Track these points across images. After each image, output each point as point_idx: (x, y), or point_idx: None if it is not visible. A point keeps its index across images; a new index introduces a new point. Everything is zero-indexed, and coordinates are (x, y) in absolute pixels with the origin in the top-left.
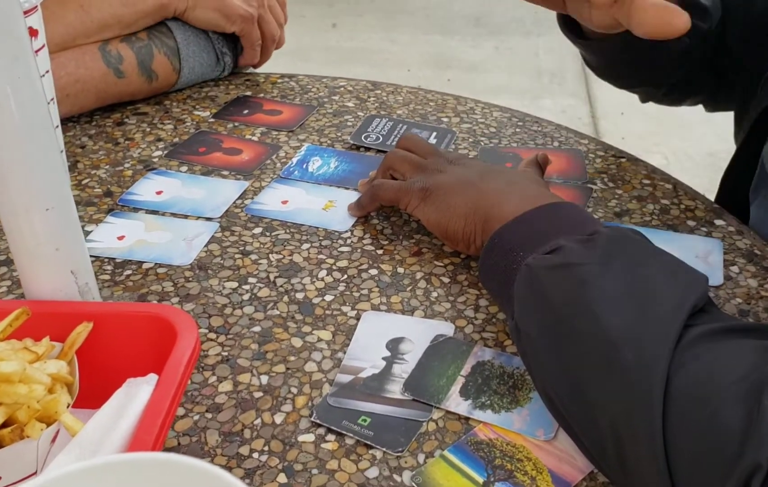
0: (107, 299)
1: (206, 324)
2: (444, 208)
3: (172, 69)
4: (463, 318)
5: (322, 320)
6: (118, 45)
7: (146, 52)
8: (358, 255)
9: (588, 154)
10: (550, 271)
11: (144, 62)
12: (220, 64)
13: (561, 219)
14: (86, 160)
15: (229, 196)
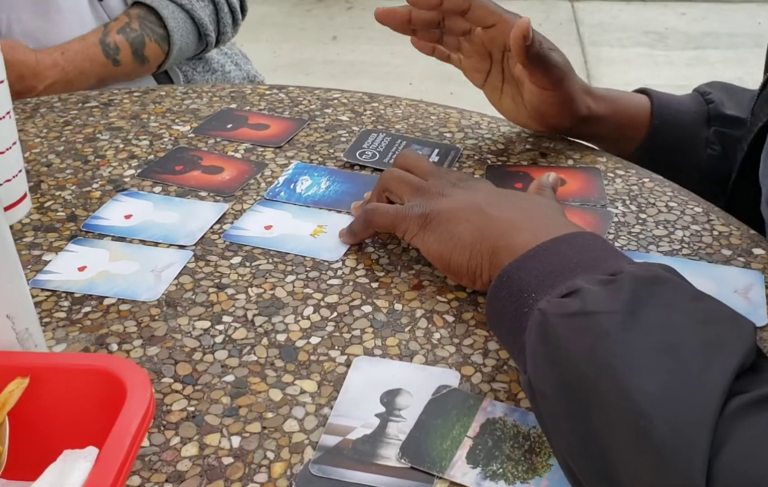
0: (60, 341)
1: (171, 372)
2: (446, 238)
3: (161, 51)
4: (470, 365)
5: (306, 367)
6: (115, 37)
7: (139, 41)
8: (349, 289)
9: (606, 172)
10: (566, 319)
11: (137, 51)
12: (202, 42)
13: (579, 253)
14: (51, 180)
15: (206, 221)
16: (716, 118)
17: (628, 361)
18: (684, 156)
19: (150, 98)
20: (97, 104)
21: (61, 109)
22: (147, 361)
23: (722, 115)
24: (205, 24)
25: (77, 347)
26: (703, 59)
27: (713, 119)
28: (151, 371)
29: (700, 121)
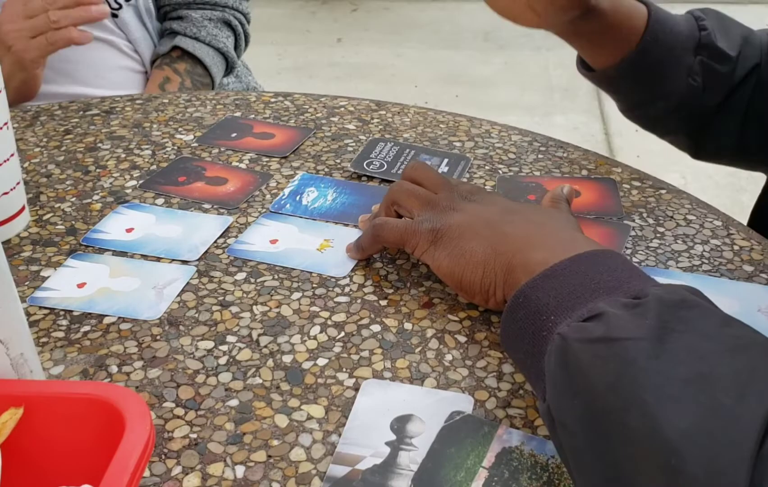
0: (58, 363)
1: (173, 396)
2: (458, 254)
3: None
4: (484, 389)
5: (314, 390)
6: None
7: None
8: (357, 307)
9: (622, 183)
10: (589, 345)
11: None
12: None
13: (599, 273)
14: (50, 191)
15: (210, 235)
16: (705, 48)
17: (656, 392)
18: (664, 80)
19: (152, 106)
20: (99, 112)
21: (61, 117)
22: (148, 384)
23: (712, 45)
24: (235, 59)
25: (76, 369)
26: None
27: (701, 48)
28: (153, 395)
29: (688, 47)
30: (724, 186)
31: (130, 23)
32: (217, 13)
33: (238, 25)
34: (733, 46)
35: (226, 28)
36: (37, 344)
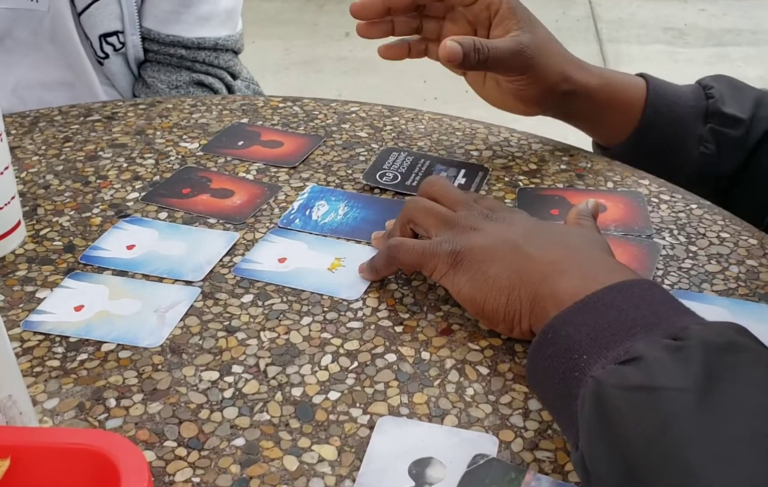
0: (52, 395)
1: (175, 434)
2: (480, 280)
3: None
4: (509, 428)
5: (325, 428)
6: None
7: None
8: (371, 333)
9: (650, 197)
10: (626, 393)
11: None
12: None
13: (636, 307)
14: (48, 204)
15: (215, 253)
16: (714, 116)
17: (704, 452)
18: (674, 153)
19: (156, 111)
20: (100, 118)
21: (61, 123)
22: (148, 420)
23: (720, 112)
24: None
25: (71, 403)
26: (725, 57)
27: (711, 116)
28: (153, 432)
29: (696, 116)
30: None
31: (118, 73)
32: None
33: (214, 82)
34: (745, 109)
35: (197, 90)
36: (31, 374)
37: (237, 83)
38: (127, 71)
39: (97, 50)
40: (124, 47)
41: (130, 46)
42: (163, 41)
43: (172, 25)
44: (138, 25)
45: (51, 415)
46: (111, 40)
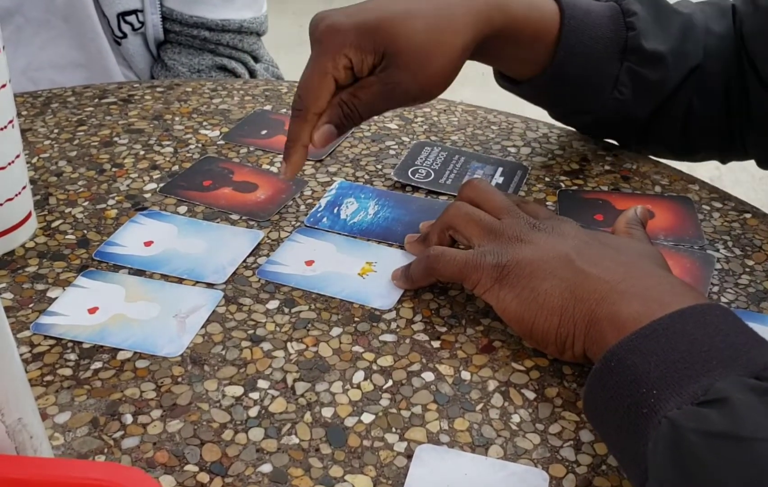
0: (64, 409)
1: (196, 457)
2: (528, 297)
3: None
4: (560, 462)
5: (359, 456)
6: None
7: None
8: (406, 348)
9: (701, 204)
10: (710, 441)
11: None
12: None
13: (711, 337)
14: (60, 193)
15: (239, 252)
16: (633, 52)
17: None
18: (585, 95)
19: (174, 95)
20: (116, 100)
21: (75, 104)
22: (168, 439)
23: (640, 48)
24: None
25: (84, 418)
26: None
27: (629, 53)
28: (173, 454)
29: (613, 53)
30: (760, 179)
31: (135, 54)
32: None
33: (237, 67)
34: (668, 44)
35: (219, 74)
36: (41, 383)
37: (258, 67)
38: (145, 52)
39: (115, 29)
40: (143, 27)
41: (149, 25)
42: (185, 22)
43: (196, 5)
44: (159, 3)
45: (62, 431)
46: (129, 18)
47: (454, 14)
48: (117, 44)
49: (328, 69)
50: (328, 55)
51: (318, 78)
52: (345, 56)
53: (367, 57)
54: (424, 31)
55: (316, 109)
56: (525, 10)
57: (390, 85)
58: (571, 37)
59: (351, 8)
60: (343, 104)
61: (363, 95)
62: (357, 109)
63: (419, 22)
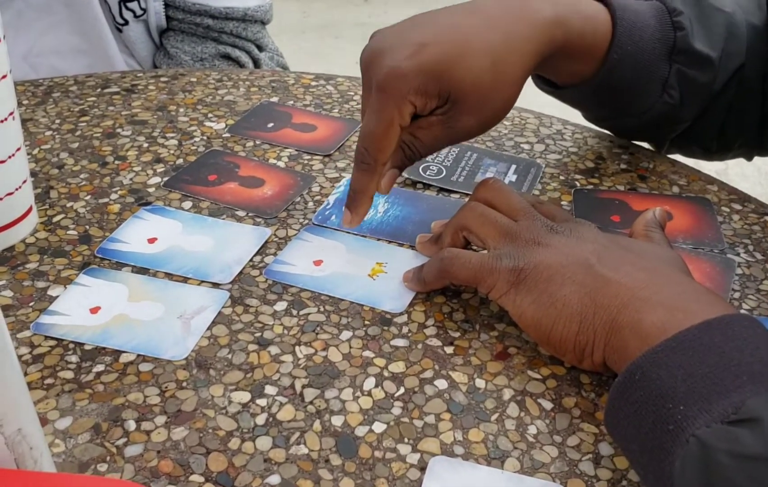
0: (65, 414)
1: (202, 467)
2: (546, 303)
3: None
4: (579, 477)
5: (370, 467)
6: None
7: None
8: (418, 354)
9: (720, 206)
10: (744, 464)
11: None
12: None
13: (740, 350)
14: (62, 186)
15: (245, 251)
16: (681, 53)
17: None
18: (634, 99)
19: (179, 85)
20: (119, 90)
21: (76, 94)
22: (172, 447)
23: (690, 49)
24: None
25: (86, 423)
26: None
27: (678, 54)
28: (178, 463)
29: (662, 54)
30: (767, 173)
31: (137, 42)
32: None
33: (241, 55)
34: (715, 44)
35: (223, 63)
36: (41, 386)
37: (262, 55)
38: (147, 40)
39: (116, 16)
40: (145, 14)
41: (151, 12)
42: (188, 10)
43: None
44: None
45: (63, 437)
46: (131, 5)
47: (516, 39)
48: (119, 31)
49: (394, 119)
50: (393, 105)
51: (385, 129)
52: (410, 103)
53: (431, 101)
54: (488, 67)
55: (383, 160)
56: (582, 21)
57: (453, 127)
58: (624, 41)
59: (405, 41)
60: (405, 147)
61: (424, 136)
62: (419, 150)
63: (483, 59)
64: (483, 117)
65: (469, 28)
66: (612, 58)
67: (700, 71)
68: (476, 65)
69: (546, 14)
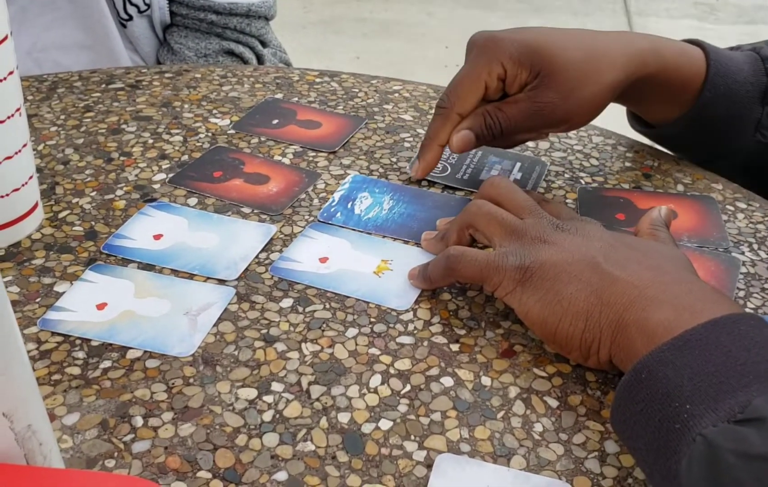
0: (72, 409)
1: (209, 463)
2: (552, 300)
3: None
4: (585, 474)
5: (377, 464)
6: None
7: None
8: (424, 351)
9: (725, 204)
10: (750, 463)
11: None
12: None
13: (747, 349)
14: (67, 182)
15: (251, 248)
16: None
17: None
18: (728, 139)
19: (183, 81)
20: (123, 86)
21: (81, 90)
22: (179, 444)
23: None
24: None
25: (93, 419)
26: (756, 35)
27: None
28: (185, 459)
29: (754, 95)
30: None
31: (141, 37)
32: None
33: (245, 51)
34: None
35: (227, 59)
36: (49, 382)
37: (265, 51)
38: (151, 35)
39: (120, 11)
40: (149, 9)
41: (155, 8)
42: (192, 5)
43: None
44: None
45: (71, 433)
46: (135, 0)
47: (610, 50)
48: (123, 27)
49: (482, 73)
50: (484, 60)
51: (469, 80)
52: (501, 65)
53: (522, 72)
54: (581, 61)
55: (460, 109)
56: (677, 55)
57: (539, 104)
58: (717, 80)
59: (511, 30)
60: (487, 114)
61: (509, 110)
62: (500, 122)
63: (578, 53)
64: (568, 104)
65: (570, 33)
66: (705, 95)
67: None
68: (570, 51)
69: (641, 42)
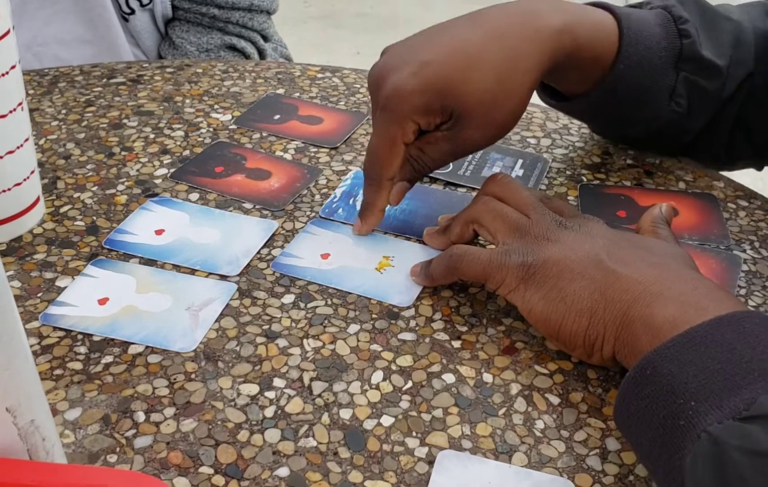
0: (74, 405)
1: (211, 459)
2: (556, 298)
3: None
4: (586, 472)
5: (379, 460)
6: None
7: None
8: (425, 348)
9: (726, 202)
10: (756, 460)
11: None
12: None
13: (752, 347)
14: (69, 177)
15: (253, 243)
16: (689, 61)
17: None
18: (641, 108)
19: (185, 76)
20: (125, 80)
21: (82, 84)
22: (182, 439)
23: (697, 57)
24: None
25: (95, 414)
26: None
27: (684, 61)
28: (187, 455)
29: (668, 61)
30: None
31: (143, 32)
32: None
33: (246, 46)
34: (723, 52)
35: (228, 54)
36: (51, 377)
37: (267, 46)
38: (153, 29)
39: (123, 5)
40: (151, 3)
41: (157, 2)
42: None
43: None
44: None
45: (73, 428)
46: None
47: (521, 54)
48: (124, 21)
49: (397, 137)
50: (396, 124)
51: (387, 146)
52: (412, 121)
53: (435, 118)
54: (492, 82)
55: (389, 175)
56: (591, 30)
57: (458, 141)
58: (630, 50)
59: (409, 59)
60: (413, 161)
61: (430, 151)
62: (426, 164)
63: (487, 73)
64: (488, 132)
65: (474, 44)
66: (619, 67)
67: (708, 79)
68: (480, 82)
69: (553, 23)
